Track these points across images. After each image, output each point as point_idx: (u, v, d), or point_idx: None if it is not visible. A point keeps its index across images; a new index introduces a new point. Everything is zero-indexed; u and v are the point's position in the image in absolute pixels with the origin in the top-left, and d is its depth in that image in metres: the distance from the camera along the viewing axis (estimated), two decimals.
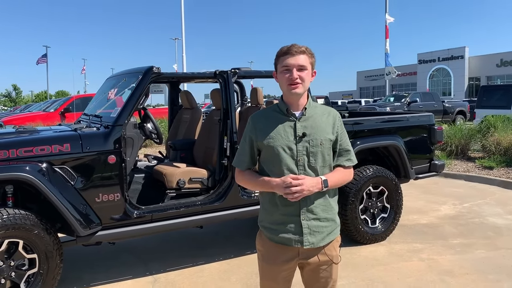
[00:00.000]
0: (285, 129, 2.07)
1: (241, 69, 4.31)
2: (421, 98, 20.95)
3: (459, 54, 48.86)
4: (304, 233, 2.04)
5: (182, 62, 29.53)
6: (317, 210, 2.06)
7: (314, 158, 2.04)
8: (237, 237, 5.16)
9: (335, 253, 2.15)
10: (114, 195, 3.60)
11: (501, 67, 46.52)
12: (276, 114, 2.12)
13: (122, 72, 4.50)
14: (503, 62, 46.37)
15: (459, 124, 10.92)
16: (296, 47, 2.04)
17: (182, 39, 29.79)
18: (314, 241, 2.05)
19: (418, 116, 5.49)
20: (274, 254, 2.11)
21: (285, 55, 2.04)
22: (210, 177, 4.21)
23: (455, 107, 21.46)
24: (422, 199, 6.78)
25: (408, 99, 20.61)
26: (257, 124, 2.12)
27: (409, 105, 20.07)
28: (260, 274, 2.25)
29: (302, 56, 2.03)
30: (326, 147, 2.07)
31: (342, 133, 2.15)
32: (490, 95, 12.03)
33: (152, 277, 4.06)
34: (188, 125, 4.97)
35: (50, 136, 3.58)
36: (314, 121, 2.08)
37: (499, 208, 6.15)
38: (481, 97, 12.23)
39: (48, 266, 3.36)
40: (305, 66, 2.03)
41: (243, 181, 2.20)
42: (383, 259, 4.36)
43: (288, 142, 2.04)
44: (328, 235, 2.10)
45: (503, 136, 8.95)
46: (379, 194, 4.87)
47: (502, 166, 8.34)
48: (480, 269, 4.06)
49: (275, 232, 2.09)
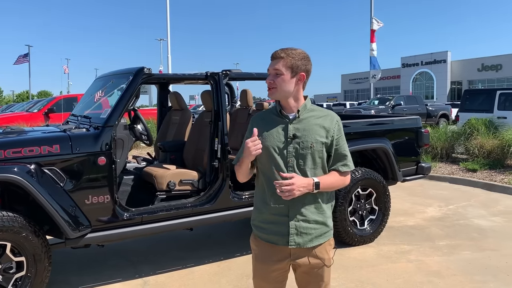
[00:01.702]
0: (278, 130, 2.10)
1: (232, 71, 4.31)
2: (405, 101, 21.23)
3: (442, 58, 49.66)
4: (291, 233, 2.06)
5: (168, 63, 29.34)
6: (307, 212, 2.07)
7: (303, 160, 2.06)
8: (227, 240, 5.15)
9: (327, 256, 2.16)
10: (104, 197, 3.56)
11: (482, 72, 47.39)
12: (273, 115, 2.16)
13: (111, 73, 4.46)
14: (484, 67, 47.24)
15: (443, 127, 11.09)
16: (276, 52, 2.08)
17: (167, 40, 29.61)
18: (300, 242, 2.06)
19: (405, 119, 5.56)
20: (266, 254, 2.14)
21: (271, 60, 2.10)
22: (201, 179, 4.19)
23: (438, 111, 21.77)
24: (408, 201, 6.86)
25: (392, 102, 20.86)
26: (255, 125, 2.15)
27: (393, 108, 20.32)
28: (252, 273, 2.27)
29: (278, 61, 2.06)
30: (317, 150, 2.06)
31: (340, 137, 2.14)
32: (473, 99, 12.24)
33: (142, 279, 4.02)
34: (178, 127, 4.95)
35: (39, 137, 3.52)
36: (308, 123, 2.09)
37: (483, 210, 6.26)
38: (464, 101, 12.44)
39: (36, 269, 3.31)
40: (279, 70, 2.05)
41: (237, 173, 2.21)
42: (372, 261, 4.40)
43: (279, 143, 2.07)
44: (317, 237, 2.10)
45: (486, 139, 9.12)
46: (367, 196, 4.92)
47: (485, 169, 8.49)
48: (466, 270, 4.13)
49: (264, 231, 2.13)
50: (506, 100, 11.50)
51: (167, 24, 28.64)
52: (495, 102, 11.55)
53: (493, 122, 9.82)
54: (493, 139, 8.99)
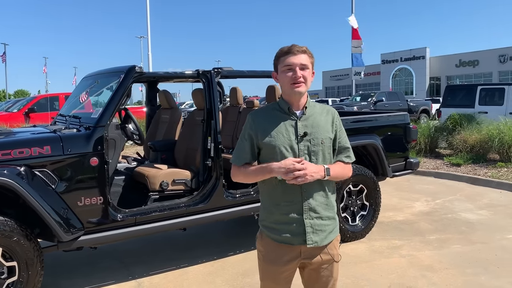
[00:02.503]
0: (286, 128, 2.06)
1: (223, 68, 4.27)
2: (386, 97, 21.47)
3: (421, 55, 50.35)
4: (307, 232, 2.03)
5: (148, 61, 29.01)
6: (319, 209, 2.06)
7: (315, 157, 2.05)
8: (219, 239, 5.12)
9: (336, 252, 2.16)
10: (97, 198, 3.49)
11: (460, 67, 48.25)
12: (277, 112, 2.11)
13: (100, 72, 4.37)
14: (461, 63, 48.10)
15: (426, 123, 11.25)
16: (297, 46, 2.06)
17: (147, 37, 29.26)
18: (317, 240, 2.05)
19: (394, 115, 5.61)
20: (276, 254, 2.10)
21: (286, 55, 2.05)
22: (194, 179, 4.15)
23: (419, 106, 22.11)
24: (395, 196, 6.94)
25: (374, 99, 21.07)
26: (258, 123, 2.11)
27: (375, 104, 20.52)
28: (260, 275, 2.23)
29: (303, 56, 2.04)
30: (326, 146, 2.09)
31: (341, 130, 2.18)
32: (454, 94, 12.46)
33: (136, 281, 3.97)
34: (168, 126, 4.89)
35: (29, 138, 3.43)
36: (315, 120, 2.09)
37: (469, 204, 6.37)
38: (446, 97, 12.64)
39: (28, 274, 3.23)
40: (306, 65, 2.04)
41: (240, 175, 2.16)
42: (365, 257, 4.43)
43: (290, 141, 2.04)
44: (330, 233, 2.10)
45: (469, 134, 9.28)
46: (358, 192, 4.95)
47: (469, 163, 8.65)
48: (458, 264, 4.20)
49: (278, 232, 2.07)
50: (487, 95, 11.74)
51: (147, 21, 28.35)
52: (476, 97, 11.77)
53: (474, 117, 10.00)
54: (475, 133, 9.16)
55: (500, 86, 11.79)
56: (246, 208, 4.23)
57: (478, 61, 46.48)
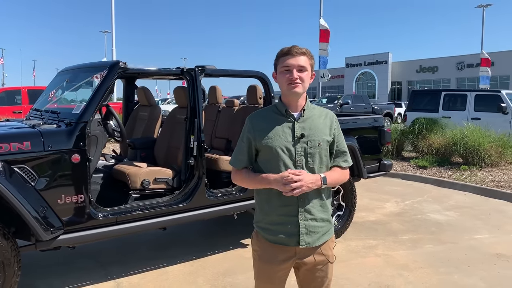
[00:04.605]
0: (283, 129, 2.08)
1: (206, 67, 4.24)
2: (352, 100, 21.94)
3: (383, 59, 51.70)
4: (301, 233, 2.06)
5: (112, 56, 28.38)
6: (314, 211, 2.09)
7: (312, 159, 2.08)
8: (197, 238, 5.07)
9: (331, 253, 2.20)
10: (78, 196, 3.38)
11: (420, 73, 49.89)
12: (274, 114, 2.13)
13: (79, 66, 4.25)
14: (422, 68, 49.73)
15: (393, 126, 11.56)
16: (297, 48, 2.08)
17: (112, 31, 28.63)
18: (310, 241, 2.08)
19: (369, 118, 5.74)
20: (271, 254, 2.12)
21: (285, 56, 2.07)
22: (176, 177, 4.10)
23: (383, 109, 22.67)
24: (366, 197, 7.09)
25: (340, 101, 21.47)
26: (256, 125, 2.13)
27: (341, 107, 20.91)
28: (255, 275, 2.24)
29: (302, 57, 2.06)
30: (323, 148, 2.11)
31: (339, 134, 2.21)
32: (420, 99, 12.86)
33: (114, 281, 3.88)
34: (147, 123, 4.80)
35: (7, 133, 3.28)
36: (312, 122, 2.12)
37: (437, 205, 6.60)
38: (411, 101, 13.04)
39: (5, 274, 3.09)
40: (305, 67, 2.06)
41: (239, 179, 2.20)
42: (342, 256, 4.51)
43: (287, 143, 2.06)
44: (323, 235, 2.14)
45: (434, 138, 9.62)
46: (335, 192, 5.03)
47: (434, 166, 8.96)
48: (431, 263, 4.34)
49: (273, 233, 2.10)
50: (450, 100, 12.19)
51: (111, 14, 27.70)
52: (440, 102, 12.19)
53: (438, 121, 10.36)
54: (440, 137, 9.50)
55: (462, 92, 12.26)
56: (227, 208, 4.21)
57: (437, 68, 48.18)
